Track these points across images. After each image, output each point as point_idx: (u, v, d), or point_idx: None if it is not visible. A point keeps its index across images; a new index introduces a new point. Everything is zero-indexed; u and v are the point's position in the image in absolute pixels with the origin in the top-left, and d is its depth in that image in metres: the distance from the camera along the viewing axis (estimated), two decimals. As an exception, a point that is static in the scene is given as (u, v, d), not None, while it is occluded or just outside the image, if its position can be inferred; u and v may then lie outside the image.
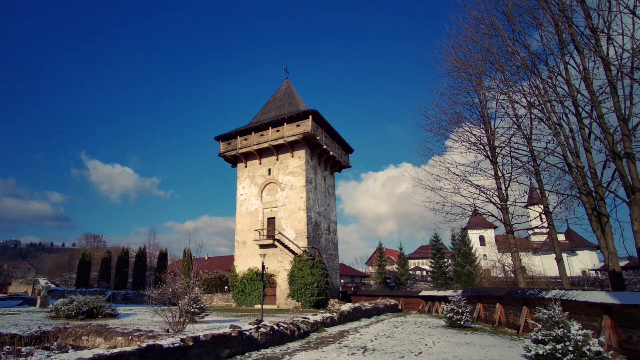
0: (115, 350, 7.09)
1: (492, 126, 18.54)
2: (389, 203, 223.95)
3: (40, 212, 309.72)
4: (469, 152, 18.71)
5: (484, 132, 18.71)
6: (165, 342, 8.02)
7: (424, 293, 26.92)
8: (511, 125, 16.82)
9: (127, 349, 7.29)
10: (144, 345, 7.57)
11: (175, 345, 8.00)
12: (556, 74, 13.36)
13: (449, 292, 21.45)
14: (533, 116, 15.40)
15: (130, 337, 10.33)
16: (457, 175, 18.34)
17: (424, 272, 66.86)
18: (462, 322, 15.27)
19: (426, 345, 10.88)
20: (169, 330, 12.07)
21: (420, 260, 76.62)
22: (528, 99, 14.54)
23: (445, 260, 38.60)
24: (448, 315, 15.59)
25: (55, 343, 10.75)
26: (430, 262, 40.91)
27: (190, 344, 8.31)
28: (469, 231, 50.48)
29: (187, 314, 13.99)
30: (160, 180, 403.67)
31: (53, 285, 38.47)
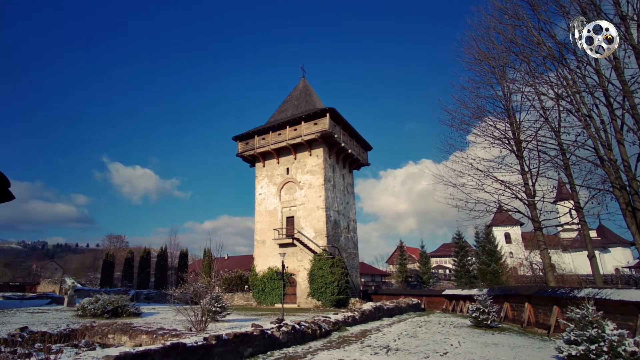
0: (140, 349, 7.28)
1: (518, 120, 18.05)
2: (408, 200, 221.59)
3: (66, 214, 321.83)
4: (493, 147, 18.28)
5: (508, 125, 18.23)
6: (189, 340, 8.19)
7: (447, 292, 26.54)
8: (538, 118, 16.33)
9: (152, 347, 7.48)
10: (168, 343, 7.74)
11: (199, 343, 8.16)
12: (585, 64, 12.88)
13: (474, 291, 21.07)
14: (561, 108, 14.91)
15: (155, 335, 10.60)
16: (480, 170, 17.96)
17: (447, 271, 65.84)
18: (488, 322, 14.96)
19: (451, 345, 10.73)
20: (192, 329, 12.34)
21: (443, 259, 75.51)
22: (556, 90, 14.07)
23: (469, 258, 37.91)
24: (474, 315, 15.31)
25: (83, 341, 11.16)
26: (453, 260, 40.27)
27: (213, 342, 8.45)
28: (494, 228, 49.33)
29: (208, 313, 14.27)
30: (180, 181, 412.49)
31: (79, 285, 39.96)
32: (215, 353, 8.51)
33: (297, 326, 11.42)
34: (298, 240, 29.56)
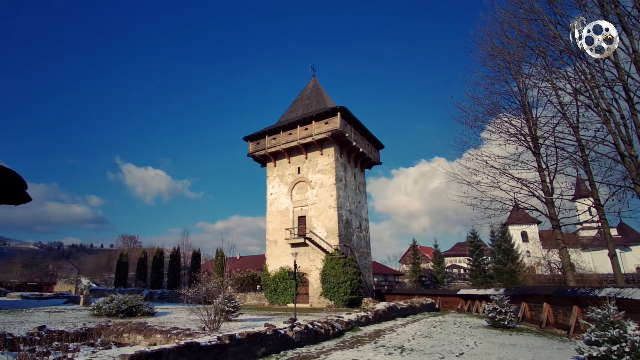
0: (155, 348, 7.40)
1: (534, 115, 17.70)
2: (421, 199, 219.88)
3: (81, 215, 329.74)
4: (509, 143, 17.94)
5: (524, 122, 17.89)
6: (202, 340, 8.28)
7: (462, 292, 26.26)
8: (555, 113, 15.99)
9: (167, 346, 7.59)
10: (182, 343, 7.85)
11: (212, 343, 8.25)
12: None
13: (490, 291, 20.80)
14: (579, 103, 14.56)
15: (169, 334, 10.76)
16: (495, 168, 17.68)
17: (462, 270, 65.11)
18: (505, 323, 14.74)
19: (467, 346, 10.60)
20: (205, 328, 12.46)
21: (457, 258, 74.69)
22: (573, 85, 13.76)
23: (485, 257, 37.38)
24: (490, 315, 15.11)
25: (99, 340, 11.39)
26: (468, 259, 39.76)
27: (227, 342, 8.53)
28: (510, 227, 48.54)
29: (221, 312, 14.40)
30: (192, 182, 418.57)
31: (94, 285, 40.81)
32: (229, 352, 8.58)
33: (310, 326, 11.44)
34: (310, 239, 29.61)
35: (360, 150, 33.81)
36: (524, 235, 59.47)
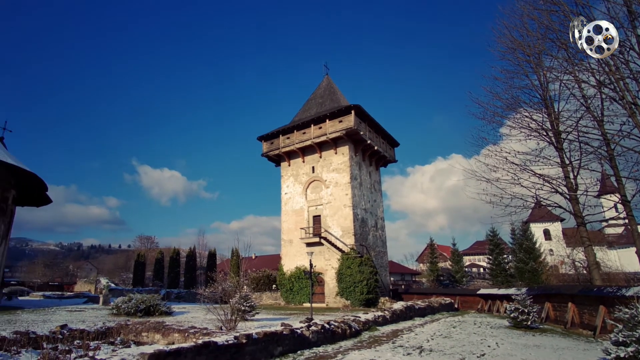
0: (173, 347, 7.53)
1: (556, 109, 17.25)
2: (438, 197, 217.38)
3: (99, 216, 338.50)
4: (530, 139, 17.52)
5: (546, 116, 17.44)
6: (220, 339, 8.39)
7: (482, 291, 25.84)
8: (578, 107, 15.51)
9: (185, 345, 7.72)
10: (199, 342, 7.97)
11: (230, 342, 8.35)
12: (628, 49, 12.12)
13: (511, 290, 20.41)
14: (604, 96, 14.09)
15: (186, 334, 10.93)
16: (516, 164, 17.29)
17: (481, 269, 64.14)
18: (528, 323, 14.45)
19: (489, 346, 10.43)
20: (222, 327, 12.62)
21: (476, 257, 73.59)
22: (597, 77, 13.32)
23: (505, 256, 36.68)
24: (512, 315, 14.83)
25: (118, 338, 11.66)
26: (488, 258, 39.08)
27: (244, 341, 8.62)
28: (532, 225, 47.35)
29: (238, 312, 14.56)
30: (207, 182, 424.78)
31: (113, 285, 41.78)
32: (246, 352, 8.67)
33: (327, 325, 11.46)
34: (325, 239, 29.63)
35: (375, 148, 33.63)
36: (547, 233, 58.08)
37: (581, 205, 16.97)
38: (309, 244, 30.20)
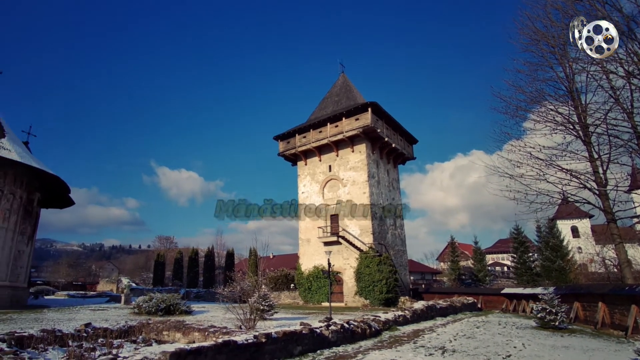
0: (194, 345, 7.66)
1: (583, 102, 16.69)
2: (458, 194, 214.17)
3: (119, 217, 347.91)
4: (555, 133, 17.00)
5: (572, 109, 16.88)
6: (239, 338, 8.48)
7: (507, 291, 25.31)
8: (607, 99, 14.94)
9: (205, 344, 7.85)
10: (220, 340, 8.08)
11: (249, 341, 8.43)
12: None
13: (538, 290, 19.93)
14: (633, 87, 13.56)
15: (206, 332, 11.11)
16: (541, 159, 16.82)
17: (505, 268, 62.85)
18: (556, 323, 14.06)
19: (515, 347, 10.20)
20: (241, 327, 12.77)
21: (500, 255, 72.15)
22: (626, 67, 12.82)
23: (530, 254, 35.84)
24: (539, 315, 14.46)
25: (140, 337, 11.95)
26: (512, 256, 38.26)
27: (263, 340, 8.70)
28: (559, 222, 46.21)
29: (257, 311, 14.68)
30: (224, 182, 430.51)
31: (134, 284, 42.93)
32: (266, 351, 8.75)
33: (346, 325, 11.44)
34: (343, 238, 29.60)
35: (393, 145, 33.40)
36: (575, 231, 56.46)
37: (611, 201, 16.39)
38: (326, 243, 30.24)
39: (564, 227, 51.64)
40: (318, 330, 10.33)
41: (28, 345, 8.94)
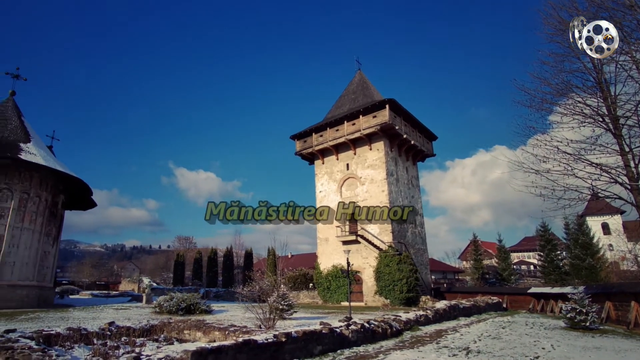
0: (215, 344, 7.79)
1: (612, 93, 16.09)
2: (480, 191, 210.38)
3: (140, 218, 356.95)
4: (583, 126, 16.42)
5: (601, 101, 16.28)
6: (259, 337, 8.58)
7: (534, 290, 24.72)
8: (637, 90, 14.40)
9: (226, 343, 7.97)
10: (240, 340, 8.19)
11: (269, 340, 8.52)
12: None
13: (567, 289, 19.38)
14: (665, 77, 13.00)
15: (227, 332, 11.27)
16: (569, 154, 16.28)
17: (531, 267, 61.33)
18: (586, 324, 13.65)
19: (543, 349, 9.95)
20: (261, 326, 12.89)
21: (525, 254, 70.47)
22: (657, 56, 12.31)
23: (558, 252, 34.83)
24: (568, 316, 14.06)
25: (162, 336, 12.24)
26: (539, 255, 37.26)
27: (283, 339, 8.77)
28: (588, 218, 44.71)
29: (276, 310, 14.79)
30: (242, 182, 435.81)
31: (154, 284, 43.93)
32: (286, 350, 8.81)
33: (367, 325, 11.41)
34: (362, 237, 29.50)
35: (412, 142, 33.07)
36: (605, 227, 54.61)
37: (645, 196, 15.77)
38: (345, 242, 30.19)
39: (594, 223, 49.98)
40: (338, 330, 10.34)
41: (55, 343, 9.27)
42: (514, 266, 49.94)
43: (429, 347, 10.13)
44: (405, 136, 31.88)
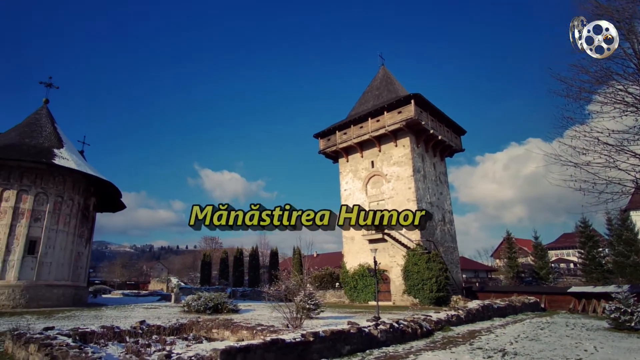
0: (243, 343, 7.92)
1: (656, 80, 15.23)
2: (514, 186, 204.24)
3: (167, 219, 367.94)
4: (626, 115, 15.62)
5: (645, 88, 15.47)
6: (287, 337, 8.65)
7: (574, 289, 23.80)
8: (682, 75, 13.55)
9: (254, 342, 8.08)
10: (268, 339, 8.29)
11: (297, 340, 8.58)
12: None
13: (610, 288, 18.60)
14: None
15: (254, 331, 11.43)
16: (610, 145, 15.51)
17: (571, 265, 59.01)
18: (632, 324, 13.04)
19: (585, 351, 9.55)
20: (288, 325, 13.00)
21: (564, 251, 67.80)
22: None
23: (600, 249, 33.33)
24: (612, 316, 13.48)
25: (191, 334, 12.55)
26: (579, 252, 35.75)
27: (311, 339, 8.81)
28: (633, 213, 42.50)
29: (303, 310, 14.88)
30: (266, 182, 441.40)
31: (182, 284, 45.25)
32: (314, 350, 8.85)
33: (396, 324, 11.30)
34: (389, 235, 29.24)
35: (439, 138, 32.47)
36: (651, 222, 51.78)
37: (695, 189, 14.85)
38: (371, 241, 30.00)
39: (639, 218, 47.54)
40: (366, 330, 10.30)
41: (90, 341, 9.68)
42: (552, 264, 48.15)
43: (461, 348, 9.92)
44: (432, 131, 31.34)
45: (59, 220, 25.26)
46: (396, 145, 31.38)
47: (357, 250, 31.98)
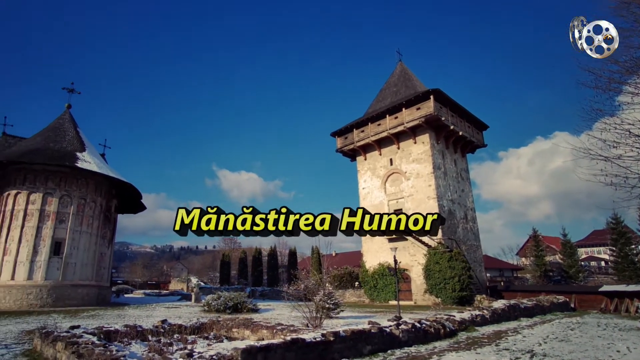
0: (264, 342, 7.99)
1: (689, 69, 14.57)
2: (539, 182, 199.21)
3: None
4: None
5: (677, 77, 14.83)
6: (307, 336, 8.68)
7: (606, 288, 23.02)
8: None
9: (274, 341, 8.14)
10: (288, 338, 8.34)
11: (317, 339, 8.59)
12: None
13: (644, 287, 17.90)
14: None
15: (274, 330, 11.51)
16: (643, 137, 15.01)
17: (602, 263, 57.19)
18: (669, 326, 12.51)
19: (618, 352, 9.23)
20: (308, 325, 13.05)
21: (595, 248, 65.78)
22: None
23: (633, 246, 32.22)
24: (647, 317, 12.97)
25: (212, 333, 12.74)
26: (610, 249, 34.76)
27: (331, 339, 8.81)
28: (667, 208, 40.91)
29: (322, 309, 14.90)
30: (283, 182, 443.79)
31: (202, 283, 45.97)
32: (334, 349, 8.85)
33: (418, 324, 11.18)
34: (409, 233, 28.93)
35: (460, 134, 31.95)
36: (688, 218, 49.62)
37: None
38: (391, 239, 29.77)
39: (675, 214, 45.59)
40: (387, 330, 10.23)
41: (114, 339, 9.96)
42: (582, 262, 46.82)
43: (487, 349, 9.74)
44: (452, 127, 30.84)
45: (82, 222, 26.08)
46: (415, 142, 31.04)
47: (376, 249, 31.80)
